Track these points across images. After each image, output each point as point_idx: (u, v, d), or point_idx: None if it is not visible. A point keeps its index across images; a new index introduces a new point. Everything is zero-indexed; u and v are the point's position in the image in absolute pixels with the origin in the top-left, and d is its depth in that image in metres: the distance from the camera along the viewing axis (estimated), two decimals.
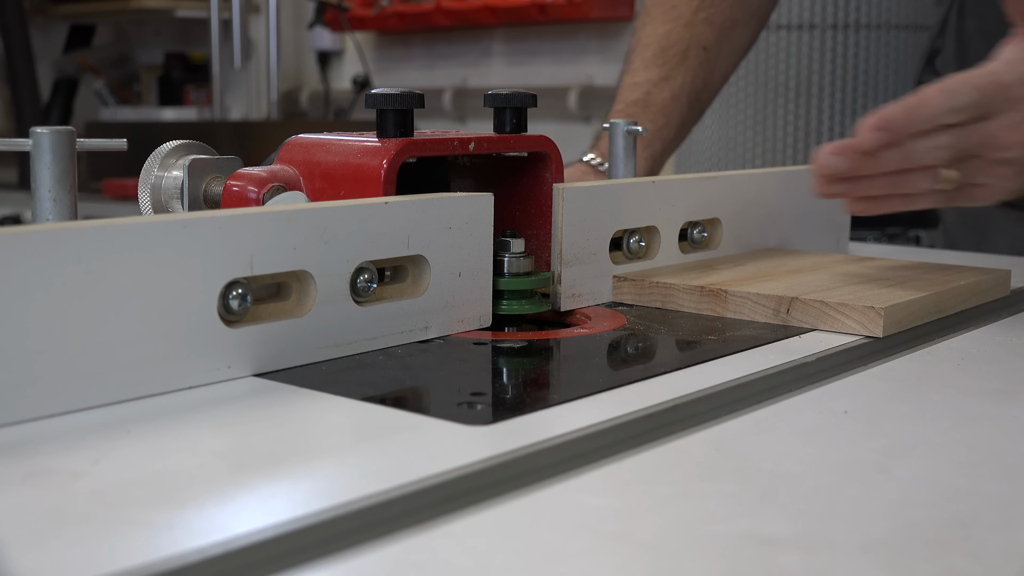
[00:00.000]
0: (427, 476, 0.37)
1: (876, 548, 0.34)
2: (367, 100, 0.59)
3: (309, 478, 0.38)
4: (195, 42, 2.92)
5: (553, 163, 0.65)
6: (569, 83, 2.47)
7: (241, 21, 2.30)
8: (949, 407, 0.49)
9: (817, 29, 1.76)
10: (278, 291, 0.52)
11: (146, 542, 0.32)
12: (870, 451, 0.42)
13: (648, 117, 0.98)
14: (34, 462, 0.38)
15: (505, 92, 0.64)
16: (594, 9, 2.35)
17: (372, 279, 0.54)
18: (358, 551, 0.33)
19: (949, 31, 1.15)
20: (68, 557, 0.31)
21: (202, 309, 0.47)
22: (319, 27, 2.82)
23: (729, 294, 0.64)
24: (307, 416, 0.45)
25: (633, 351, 0.59)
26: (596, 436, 0.43)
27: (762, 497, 0.38)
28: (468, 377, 0.52)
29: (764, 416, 0.47)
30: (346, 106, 2.78)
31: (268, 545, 0.32)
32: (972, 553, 0.33)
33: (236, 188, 0.60)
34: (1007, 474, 0.41)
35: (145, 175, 0.63)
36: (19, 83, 2.15)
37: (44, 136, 0.51)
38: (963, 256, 0.77)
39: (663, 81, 1.00)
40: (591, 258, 0.66)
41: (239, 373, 0.49)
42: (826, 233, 0.87)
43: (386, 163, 0.57)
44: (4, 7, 2.14)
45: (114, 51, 2.98)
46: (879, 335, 0.59)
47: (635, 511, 0.36)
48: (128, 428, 0.42)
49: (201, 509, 0.35)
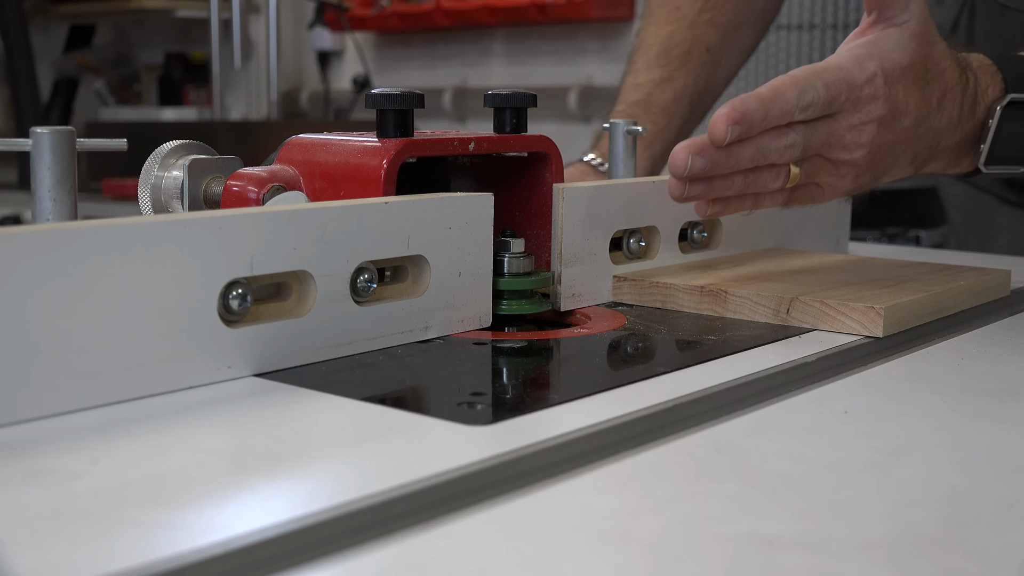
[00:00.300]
0: (427, 476, 0.37)
1: (876, 548, 0.34)
2: (367, 100, 0.59)
3: (309, 478, 0.38)
4: (195, 42, 2.92)
5: (553, 163, 0.65)
6: (569, 83, 2.47)
7: (241, 21, 2.30)
8: (949, 407, 0.49)
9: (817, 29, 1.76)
10: (278, 291, 0.52)
11: (146, 542, 0.32)
12: (870, 451, 0.42)
13: (650, 118, 0.98)
14: (34, 462, 0.38)
15: (505, 92, 0.64)
16: (594, 9, 2.35)
17: (372, 279, 0.54)
18: (358, 551, 0.33)
19: (960, 31, 1.15)
20: (68, 557, 0.31)
21: (202, 309, 0.47)
22: (319, 27, 2.82)
23: (729, 294, 0.64)
24: (307, 416, 0.45)
25: (633, 351, 0.59)
26: (596, 436, 0.43)
27: (762, 497, 0.38)
28: (468, 377, 0.52)
29: (764, 416, 0.47)
30: (346, 106, 2.78)
31: (268, 545, 0.32)
32: (972, 553, 0.33)
33: (236, 188, 0.60)
34: (1007, 474, 0.41)
35: (145, 175, 0.63)
36: (19, 83, 2.15)
37: (44, 136, 0.51)
38: (963, 256, 0.77)
39: (665, 82, 1.00)
40: (591, 258, 0.66)
41: (239, 373, 0.49)
42: (826, 233, 0.87)
43: (386, 163, 0.57)
44: (4, 7, 2.14)
45: (114, 51, 2.98)
46: (879, 335, 0.59)
47: (635, 511, 0.36)
48: (128, 428, 0.42)
49: (201, 509, 0.35)
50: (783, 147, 0.66)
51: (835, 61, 0.68)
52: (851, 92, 0.67)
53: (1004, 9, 1.06)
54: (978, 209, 1.13)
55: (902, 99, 0.70)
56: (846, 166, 0.69)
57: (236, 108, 2.82)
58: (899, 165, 0.73)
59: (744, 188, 0.67)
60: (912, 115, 0.70)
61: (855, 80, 0.67)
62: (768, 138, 0.65)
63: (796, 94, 0.65)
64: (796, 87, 0.65)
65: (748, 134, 0.63)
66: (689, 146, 0.63)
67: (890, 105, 0.69)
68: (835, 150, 0.69)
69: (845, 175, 0.70)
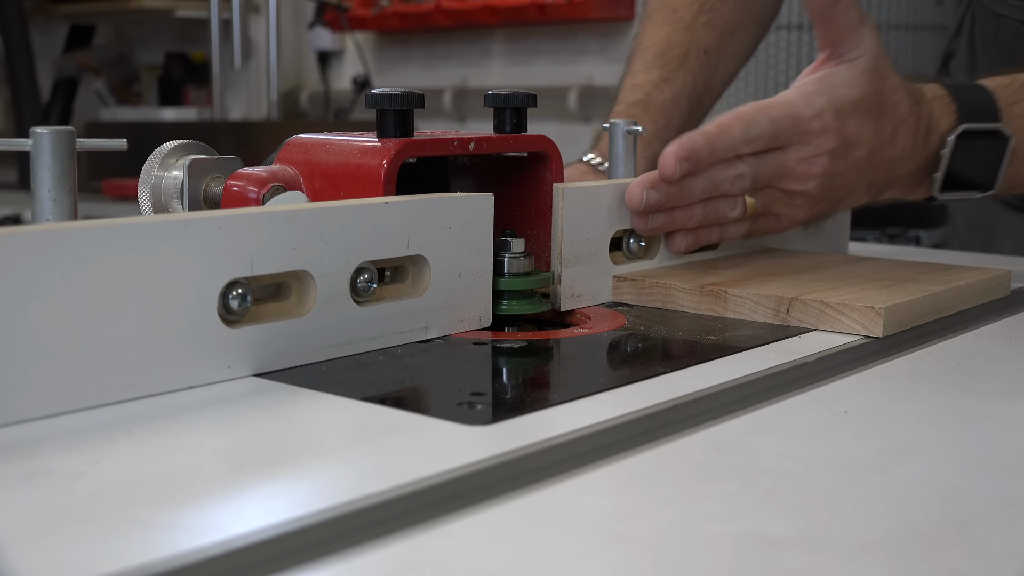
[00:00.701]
0: (427, 476, 0.37)
1: (876, 548, 0.34)
2: (367, 100, 0.59)
3: (309, 478, 0.38)
4: (195, 42, 2.92)
5: (553, 163, 0.65)
6: (569, 83, 2.47)
7: (241, 21, 2.31)
8: (949, 407, 0.49)
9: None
10: (278, 291, 0.52)
11: (146, 542, 0.32)
12: (870, 451, 0.42)
13: (648, 118, 0.98)
14: (34, 462, 0.38)
15: (505, 92, 0.64)
16: (594, 9, 2.35)
17: (372, 279, 0.54)
18: (358, 551, 0.33)
19: (963, 35, 1.16)
20: (68, 557, 0.31)
21: (202, 309, 0.47)
22: (319, 27, 2.82)
23: (729, 294, 0.64)
24: (307, 416, 0.45)
25: (633, 351, 0.59)
26: (596, 436, 0.43)
27: (762, 497, 0.38)
28: (468, 377, 0.52)
29: (764, 416, 0.47)
30: (346, 106, 2.78)
31: (268, 545, 0.32)
32: (972, 553, 0.33)
33: (236, 188, 0.60)
34: (1007, 474, 0.41)
35: (145, 175, 0.63)
36: (19, 83, 2.15)
37: (44, 136, 0.51)
38: (963, 256, 0.77)
39: (663, 82, 1.00)
40: (591, 258, 0.66)
41: (239, 373, 0.49)
42: (826, 233, 0.87)
43: (386, 163, 0.57)
44: (4, 7, 2.14)
45: (114, 51, 2.98)
46: (879, 335, 0.59)
47: (635, 511, 0.36)
48: (128, 428, 0.42)
49: (201, 509, 0.35)
50: (733, 177, 0.70)
51: (783, 97, 0.72)
52: (797, 126, 0.71)
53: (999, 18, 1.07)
54: (981, 213, 1.13)
55: (853, 132, 0.73)
56: (800, 196, 0.73)
57: (236, 108, 2.82)
58: (855, 194, 0.76)
59: (705, 218, 0.70)
60: (865, 147, 0.74)
61: (802, 115, 0.71)
62: (718, 170, 0.69)
63: (742, 129, 0.69)
64: (741, 123, 0.69)
65: (697, 169, 0.68)
66: (643, 182, 0.67)
67: (841, 138, 0.73)
68: (788, 181, 0.72)
69: (800, 205, 0.73)
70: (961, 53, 1.16)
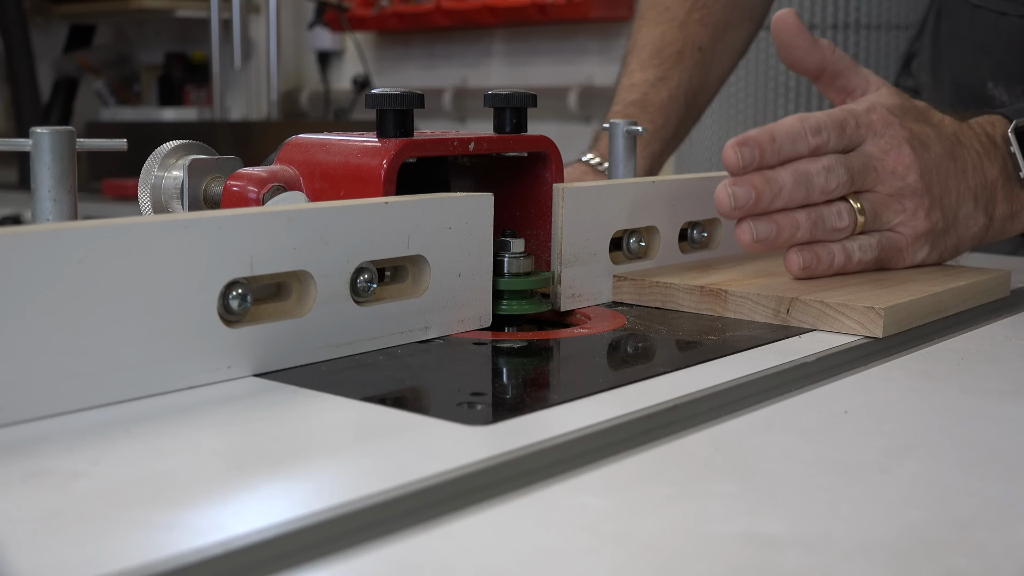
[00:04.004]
0: (427, 476, 0.37)
1: (876, 548, 0.34)
2: (367, 100, 0.59)
3: (309, 478, 0.38)
4: (195, 42, 2.93)
5: (553, 163, 0.65)
6: (569, 83, 2.47)
7: (241, 21, 2.30)
8: (949, 407, 0.49)
9: (817, 29, 1.75)
10: (278, 291, 0.52)
11: (146, 542, 0.32)
12: (870, 451, 0.42)
13: (646, 117, 0.98)
14: (34, 462, 0.38)
15: (505, 92, 0.64)
16: (594, 9, 2.35)
17: (372, 279, 0.54)
18: (358, 551, 0.33)
19: (926, 34, 1.15)
20: (68, 557, 0.31)
21: (202, 309, 0.47)
22: (319, 27, 2.82)
23: (729, 294, 0.64)
24: (307, 416, 0.45)
25: (633, 351, 0.59)
26: (596, 436, 0.43)
27: (762, 497, 0.38)
28: (468, 377, 0.52)
29: (764, 416, 0.47)
30: (346, 106, 2.79)
31: (268, 545, 0.32)
32: (972, 553, 0.33)
33: (236, 188, 0.60)
34: (1007, 474, 0.41)
35: (145, 175, 0.63)
36: (19, 83, 2.15)
37: (44, 136, 0.51)
38: (963, 256, 0.77)
39: (659, 81, 1.00)
40: (591, 258, 0.66)
41: (239, 373, 0.49)
42: None
43: (386, 163, 0.57)
44: (4, 7, 2.14)
45: (114, 51, 2.99)
46: (879, 335, 0.59)
47: (635, 511, 0.36)
48: (128, 428, 0.42)
49: (201, 509, 0.35)
50: (822, 168, 0.66)
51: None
52: (855, 117, 0.68)
53: (975, 9, 1.06)
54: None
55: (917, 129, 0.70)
56: (908, 198, 0.69)
57: (236, 108, 2.82)
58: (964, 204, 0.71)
59: (813, 227, 0.67)
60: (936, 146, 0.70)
61: (854, 108, 0.69)
62: (803, 162, 0.66)
63: (798, 119, 0.66)
64: (797, 117, 0.66)
65: (763, 156, 0.65)
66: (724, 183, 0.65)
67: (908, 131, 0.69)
68: (885, 177, 0.68)
69: (915, 210, 0.69)
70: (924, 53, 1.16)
